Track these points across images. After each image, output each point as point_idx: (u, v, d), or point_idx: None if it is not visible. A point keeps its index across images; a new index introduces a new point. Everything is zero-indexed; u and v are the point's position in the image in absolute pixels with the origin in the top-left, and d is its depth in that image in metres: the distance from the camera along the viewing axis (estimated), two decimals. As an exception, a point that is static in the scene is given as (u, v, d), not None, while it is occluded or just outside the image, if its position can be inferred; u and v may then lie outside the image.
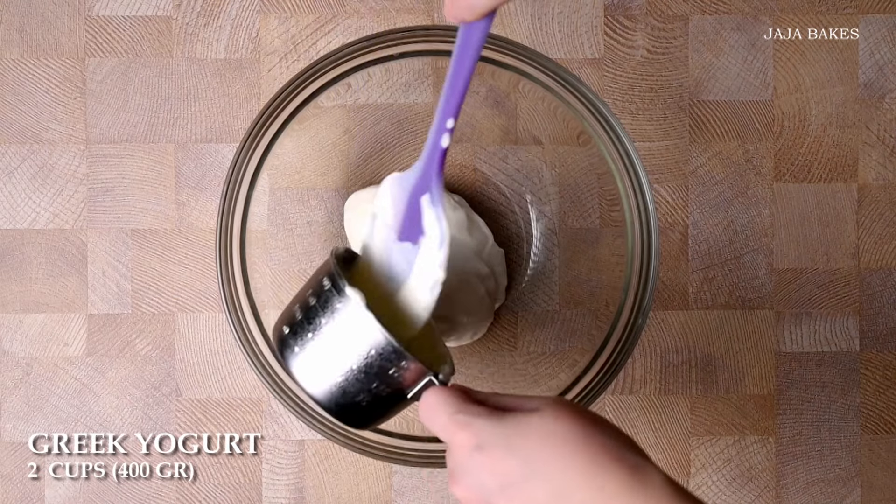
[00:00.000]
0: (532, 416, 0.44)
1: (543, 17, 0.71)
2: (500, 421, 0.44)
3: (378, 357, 0.46)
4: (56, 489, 0.71)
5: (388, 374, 0.47)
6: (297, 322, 0.48)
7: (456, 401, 0.45)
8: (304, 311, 0.48)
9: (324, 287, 0.48)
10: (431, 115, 0.70)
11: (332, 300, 0.47)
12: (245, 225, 0.61)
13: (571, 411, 0.44)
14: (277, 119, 0.61)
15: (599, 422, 0.44)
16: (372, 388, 0.47)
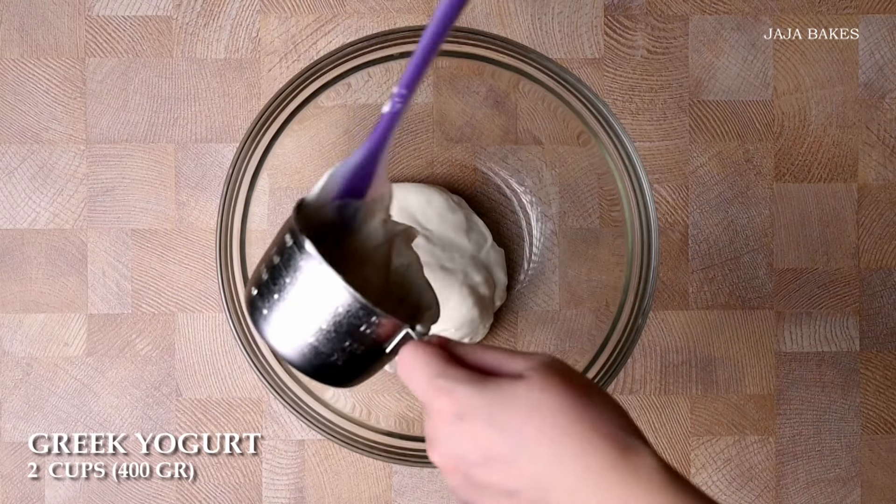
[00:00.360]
0: (518, 384, 0.41)
1: (543, 17, 0.71)
2: (484, 388, 0.41)
3: (346, 314, 0.44)
4: (56, 489, 0.71)
5: (360, 330, 0.44)
6: (263, 283, 0.46)
7: (435, 361, 0.42)
8: (270, 271, 0.46)
9: (286, 244, 0.45)
10: (431, 115, 0.70)
11: (294, 257, 0.45)
12: (245, 225, 0.61)
13: (560, 380, 0.41)
14: (277, 119, 0.61)
15: (591, 392, 0.41)
16: (345, 347, 0.45)
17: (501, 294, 0.70)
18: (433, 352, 0.43)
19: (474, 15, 0.71)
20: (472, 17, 0.71)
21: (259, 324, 0.46)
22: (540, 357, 0.42)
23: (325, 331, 0.44)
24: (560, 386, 0.40)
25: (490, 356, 0.43)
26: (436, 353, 0.43)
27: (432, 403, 0.42)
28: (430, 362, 0.42)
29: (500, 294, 0.69)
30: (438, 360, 0.43)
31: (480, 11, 0.71)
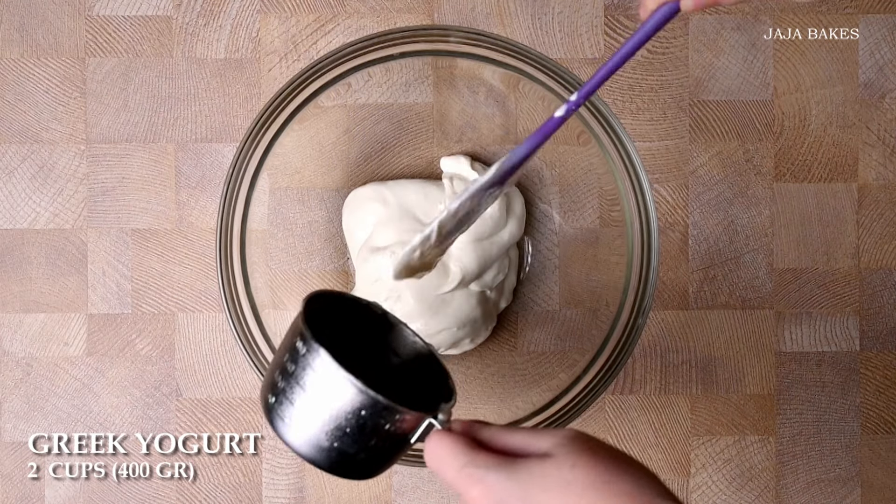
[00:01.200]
0: (547, 464, 0.41)
1: (543, 17, 0.71)
2: (515, 472, 0.41)
3: (370, 416, 0.44)
4: (56, 489, 0.71)
5: (384, 428, 0.44)
6: (280, 390, 0.46)
7: (462, 450, 0.43)
8: (284, 377, 0.46)
9: (298, 350, 0.45)
10: (431, 115, 0.70)
11: (309, 364, 0.45)
12: (245, 225, 0.61)
13: (589, 455, 0.41)
14: (277, 119, 0.61)
15: (620, 461, 0.41)
16: (370, 445, 0.45)
17: (508, 296, 0.70)
18: (459, 440, 0.43)
19: (474, 15, 0.71)
20: (472, 17, 0.71)
21: (279, 430, 0.46)
22: (564, 433, 0.43)
23: (348, 433, 0.44)
24: (589, 460, 0.41)
25: (515, 438, 0.43)
26: (461, 442, 0.43)
27: (466, 493, 0.42)
28: (458, 452, 0.43)
29: (506, 296, 0.69)
30: (465, 449, 0.43)
31: (480, 11, 0.71)
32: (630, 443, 0.71)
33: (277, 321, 0.64)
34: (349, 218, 0.68)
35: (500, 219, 0.66)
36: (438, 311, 0.65)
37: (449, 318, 0.66)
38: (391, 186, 0.68)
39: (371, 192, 0.67)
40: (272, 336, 0.62)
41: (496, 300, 0.68)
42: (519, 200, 0.68)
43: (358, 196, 0.68)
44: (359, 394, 0.43)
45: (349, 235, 0.69)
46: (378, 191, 0.67)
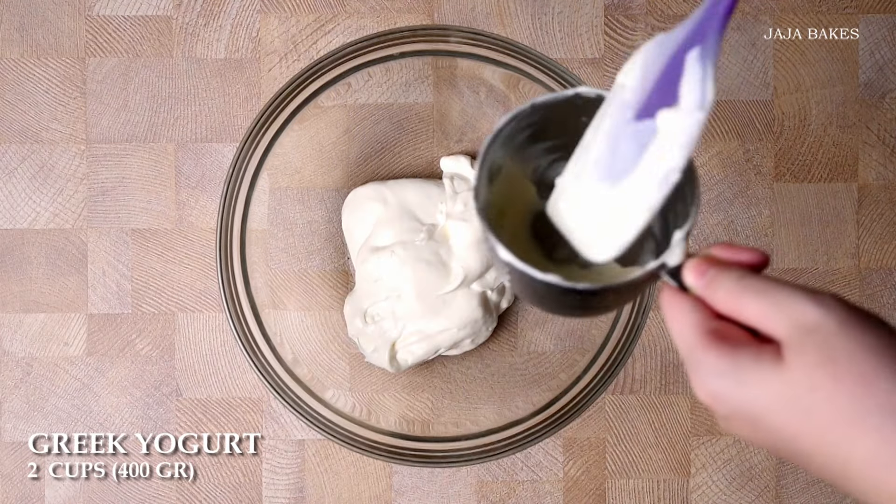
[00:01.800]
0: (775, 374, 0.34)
1: (543, 17, 0.71)
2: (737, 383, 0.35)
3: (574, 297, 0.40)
4: (56, 489, 0.71)
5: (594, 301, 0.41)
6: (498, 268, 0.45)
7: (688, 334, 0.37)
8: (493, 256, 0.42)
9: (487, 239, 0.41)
10: (431, 115, 0.70)
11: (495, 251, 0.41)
12: (245, 225, 0.61)
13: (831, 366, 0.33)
14: (277, 119, 0.61)
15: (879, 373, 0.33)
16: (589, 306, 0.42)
17: (510, 297, 0.69)
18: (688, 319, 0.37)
19: (474, 15, 0.71)
20: (472, 17, 0.71)
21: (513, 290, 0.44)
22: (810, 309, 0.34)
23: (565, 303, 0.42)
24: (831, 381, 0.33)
25: (752, 307, 0.36)
26: (690, 322, 0.37)
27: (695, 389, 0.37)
28: (684, 335, 0.37)
29: (508, 297, 0.69)
30: (692, 334, 0.37)
31: (480, 11, 0.71)
32: (630, 443, 0.71)
33: (277, 321, 0.64)
34: (349, 217, 0.68)
35: None
36: (440, 311, 0.65)
37: (450, 318, 0.66)
38: (391, 186, 0.68)
39: (371, 191, 0.67)
40: (272, 336, 0.62)
41: (497, 301, 0.68)
42: None
43: (358, 196, 0.68)
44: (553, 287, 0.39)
45: (349, 235, 0.69)
46: (378, 190, 0.67)
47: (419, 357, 0.67)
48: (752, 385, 0.35)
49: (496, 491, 0.71)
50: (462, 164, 0.68)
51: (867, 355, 0.33)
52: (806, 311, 0.34)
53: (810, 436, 0.34)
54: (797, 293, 0.35)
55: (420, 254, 0.65)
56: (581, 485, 0.71)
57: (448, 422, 0.67)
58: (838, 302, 0.35)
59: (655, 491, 0.71)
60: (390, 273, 0.65)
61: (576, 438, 0.71)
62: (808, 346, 0.34)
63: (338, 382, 0.68)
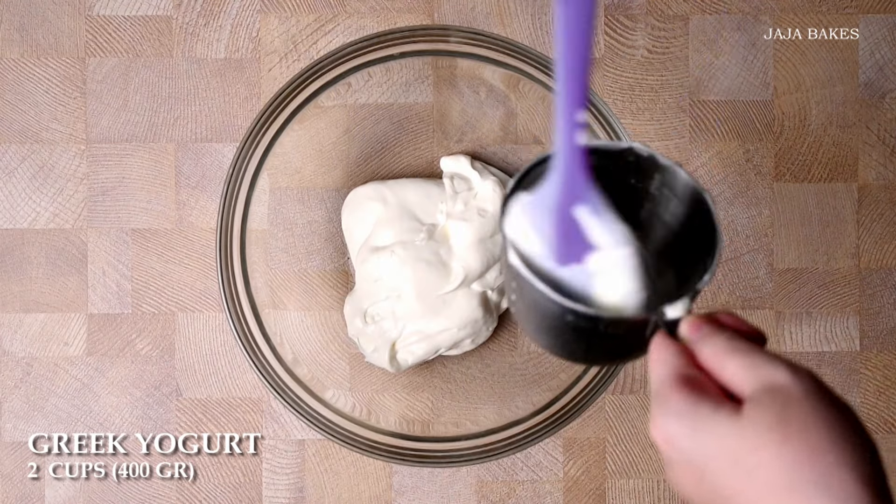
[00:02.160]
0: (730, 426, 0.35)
1: (543, 17, 0.71)
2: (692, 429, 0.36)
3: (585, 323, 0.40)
4: (56, 489, 0.71)
5: (603, 331, 0.40)
6: (511, 289, 0.43)
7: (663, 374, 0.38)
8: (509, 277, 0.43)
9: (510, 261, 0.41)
10: (431, 115, 0.70)
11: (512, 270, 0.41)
12: (245, 225, 0.61)
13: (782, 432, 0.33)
14: (277, 119, 0.61)
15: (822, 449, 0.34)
16: (594, 343, 0.42)
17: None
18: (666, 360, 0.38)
19: (474, 15, 0.71)
20: (472, 17, 0.71)
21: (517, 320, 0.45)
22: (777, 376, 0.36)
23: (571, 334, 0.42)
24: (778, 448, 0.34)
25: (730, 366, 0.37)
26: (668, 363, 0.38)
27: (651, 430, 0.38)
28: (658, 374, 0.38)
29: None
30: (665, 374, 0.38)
31: (480, 11, 0.71)
32: (630, 443, 0.71)
33: (277, 321, 0.64)
34: (349, 217, 0.68)
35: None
36: (440, 311, 0.65)
37: (450, 318, 0.66)
38: (391, 186, 0.68)
39: (371, 191, 0.67)
40: (272, 336, 0.62)
41: (498, 301, 0.68)
42: None
43: (358, 195, 0.68)
44: (555, 302, 0.39)
45: (349, 235, 0.69)
46: (378, 190, 0.67)
47: (419, 357, 0.67)
48: (705, 432, 0.35)
49: (496, 491, 0.71)
50: (462, 164, 0.68)
51: (821, 426, 0.34)
52: (777, 373, 0.36)
53: (748, 496, 0.34)
54: (777, 360, 0.36)
55: (420, 254, 0.65)
56: (581, 485, 0.71)
57: (448, 422, 0.67)
58: (812, 376, 0.36)
59: (655, 491, 0.71)
60: (390, 273, 0.65)
61: (576, 438, 0.71)
62: (766, 404, 0.35)
63: (338, 382, 0.68)
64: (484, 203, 0.66)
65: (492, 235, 0.66)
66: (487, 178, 0.67)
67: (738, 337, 0.38)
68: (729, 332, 0.39)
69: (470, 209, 0.66)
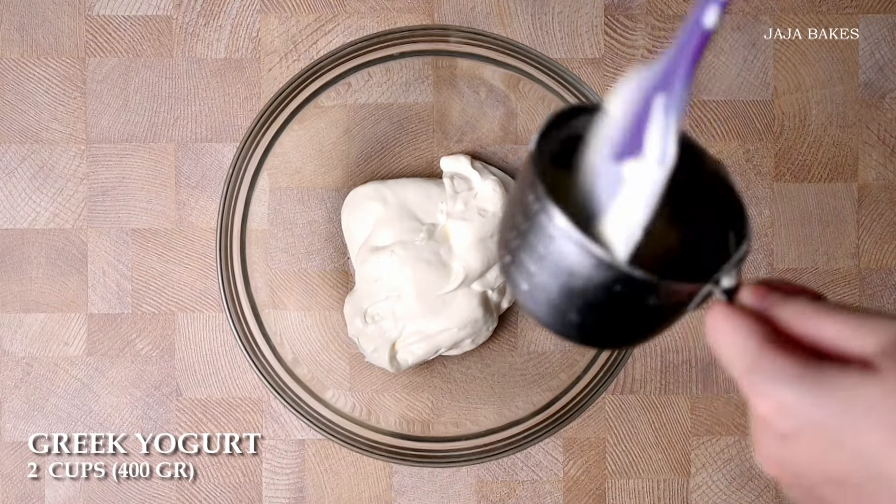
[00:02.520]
0: (868, 383, 0.30)
1: (543, 16, 0.71)
2: (821, 394, 0.31)
3: (624, 291, 0.35)
4: (56, 489, 0.71)
5: (645, 303, 0.35)
6: (514, 248, 0.37)
7: (747, 344, 0.33)
8: (518, 234, 0.36)
9: (529, 204, 0.35)
10: (431, 115, 0.70)
11: (541, 221, 0.35)
12: (245, 225, 0.61)
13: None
14: (277, 119, 0.61)
15: None
16: (629, 320, 0.37)
17: (510, 297, 0.69)
18: (744, 325, 0.33)
19: (474, 15, 0.71)
20: (472, 17, 0.71)
21: (518, 295, 0.37)
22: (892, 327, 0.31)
23: (600, 309, 0.36)
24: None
25: (829, 327, 0.32)
26: (747, 329, 0.33)
27: (753, 406, 0.33)
28: (741, 345, 0.33)
29: (508, 297, 0.69)
30: (752, 342, 0.33)
31: (480, 11, 0.71)
32: (630, 443, 0.71)
33: (277, 321, 0.64)
34: (349, 217, 0.68)
35: None
36: (440, 311, 0.65)
37: (450, 318, 0.66)
38: (391, 185, 0.68)
39: (371, 190, 0.67)
40: (272, 336, 0.62)
41: (498, 301, 0.68)
42: None
43: (358, 195, 0.68)
44: (608, 268, 0.34)
45: (348, 235, 0.69)
46: (378, 190, 0.67)
47: (419, 357, 0.67)
48: (836, 393, 0.31)
49: (496, 491, 0.71)
50: (462, 163, 0.68)
51: None
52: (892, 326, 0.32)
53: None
54: (880, 314, 0.32)
55: (420, 253, 0.65)
56: (581, 485, 0.71)
57: (448, 422, 0.67)
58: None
59: (655, 491, 0.71)
60: (390, 273, 0.65)
61: (576, 438, 0.71)
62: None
63: (338, 382, 0.68)
64: (484, 203, 0.66)
65: (492, 235, 0.66)
66: (487, 178, 0.67)
67: (818, 299, 0.34)
68: (805, 295, 0.34)
69: (470, 209, 0.66)
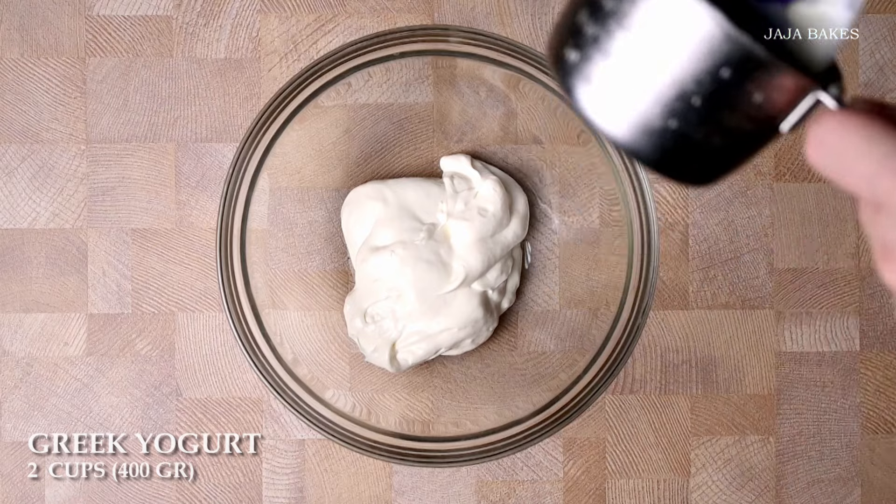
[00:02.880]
0: None
1: (543, 17, 0.71)
2: None
3: (732, 74, 0.28)
4: (56, 489, 0.71)
5: (748, 99, 0.29)
6: (588, 39, 0.30)
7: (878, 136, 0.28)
8: (595, 17, 0.29)
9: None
10: (431, 115, 0.70)
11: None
12: (245, 225, 0.61)
13: None
14: (277, 119, 0.61)
15: None
16: (723, 125, 0.30)
17: (511, 297, 0.69)
18: (873, 123, 0.28)
19: (474, 15, 0.71)
20: (471, 17, 0.71)
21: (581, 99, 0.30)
22: None
23: (694, 105, 0.29)
24: None
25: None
26: (878, 125, 0.28)
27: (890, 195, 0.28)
28: (875, 139, 0.28)
29: (509, 297, 0.69)
30: (885, 135, 0.28)
31: (480, 11, 0.71)
32: (630, 443, 0.71)
33: (277, 321, 0.64)
34: (349, 217, 0.68)
35: (503, 217, 0.66)
36: (440, 311, 0.65)
37: (450, 318, 0.66)
38: (391, 185, 0.68)
39: (371, 190, 0.67)
40: (272, 336, 0.62)
41: (498, 301, 0.68)
42: (522, 199, 0.68)
43: (358, 195, 0.68)
44: (723, 36, 0.28)
45: (348, 234, 0.69)
46: (378, 189, 0.67)
47: (419, 357, 0.67)
48: None
49: (496, 491, 0.71)
50: (462, 163, 0.68)
51: None
52: None
53: None
54: None
55: (420, 253, 0.65)
56: (581, 485, 0.71)
57: (448, 422, 0.67)
58: None
59: (655, 491, 0.71)
60: (390, 273, 0.65)
61: (576, 438, 0.71)
62: None
63: (338, 382, 0.68)
64: (484, 202, 0.66)
65: (493, 235, 0.66)
66: (488, 178, 0.67)
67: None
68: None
69: (470, 208, 0.66)
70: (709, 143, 0.30)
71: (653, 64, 0.29)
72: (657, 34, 0.29)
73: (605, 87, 0.30)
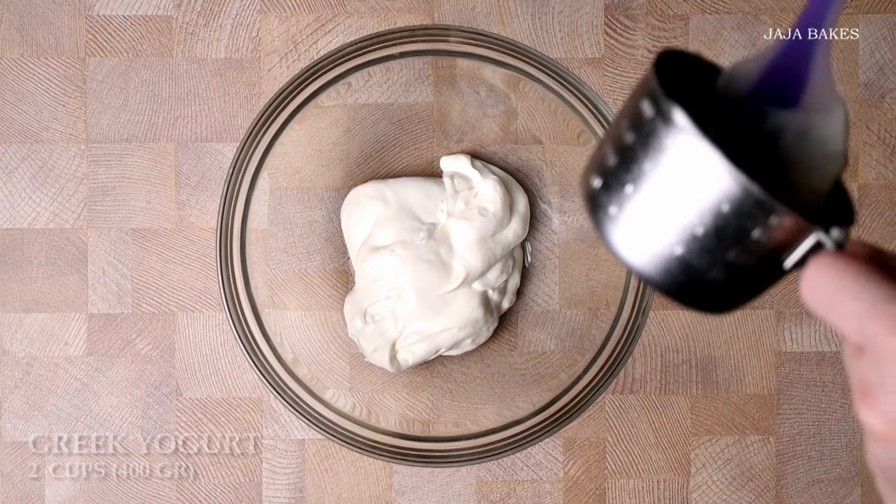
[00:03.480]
0: None
1: (543, 16, 0.71)
2: None
3: (733, 213, 0.31)
4: (56, 489, 0.71)
5: (750, 236, 0.32)
6: (611, 171, 0.33)
7: (873, 282, 0.29)
8: (620, 153, 0.33)
9: (643, 115, 0.32)
10: (431, 115, 0.70)
11: (657, 133, 0.32)
12: (245, 225, 0.61)
13: None
14: (277, 119, 0.61)
15: None
16: (727, 259, 0.32)
17: (511, 297, 0.69)
18: (867, 269, 0.29)
19: (474, 15, 0.71)
20: (471, 17, 0.71)
21: (604, 227, 0.33)
22: None
23: (700, 238, 0.32)
24: None
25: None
26: (871, 271, 0.29)
27: (883, 340, 0.29)
28: (867, 284, 0.29)
29: (509, 297, 0.69)
30: (875, 280, 0.29)
31: (480, 11, 0.71)
32: (630, 443, 0.71)
33: (277, 321, 0.64)
34: (349, 217, 0.68)
35: (503, 217, 0.66)
36: (440, 311, 0.65)
37: (450, 318, 0.66)
38: (391, 185, 0.68)
39: (371, 190, 0.67)
40: (272, 336, 0.62)
41: (498, 301, 0.68)
42: (523, 199, 0.68)
43: (358, 194, 0.68)
44: (726, 179, 0.31)
45: (348, 234, 0.69)
46: (378, 189, 0.67)
47: (420, 357, 0.67)
48: None
49: (496, 491, 0.71)
50: (462, 163, 0.68)
51: None
52: None
53: None
54: None
55: (420, 253, 0.65)
56: (581, 485, 0.71)
57: (448, 422, 0.67)
58: None
59: (655, 491, 0.71)
60: (390, 273, 0.65)
61: (576, 438, 0.71)
62: None
63: (338, 382, 0.68)
64: (485, 202, 0.66)
65: (493, 234, 0.66)
66: (488, 177, 0.67)
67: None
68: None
69: (471, 208, 0.66)
70: (718, 274, 0.33)
71: (661, 199, 0.32)
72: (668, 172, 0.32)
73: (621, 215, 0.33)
